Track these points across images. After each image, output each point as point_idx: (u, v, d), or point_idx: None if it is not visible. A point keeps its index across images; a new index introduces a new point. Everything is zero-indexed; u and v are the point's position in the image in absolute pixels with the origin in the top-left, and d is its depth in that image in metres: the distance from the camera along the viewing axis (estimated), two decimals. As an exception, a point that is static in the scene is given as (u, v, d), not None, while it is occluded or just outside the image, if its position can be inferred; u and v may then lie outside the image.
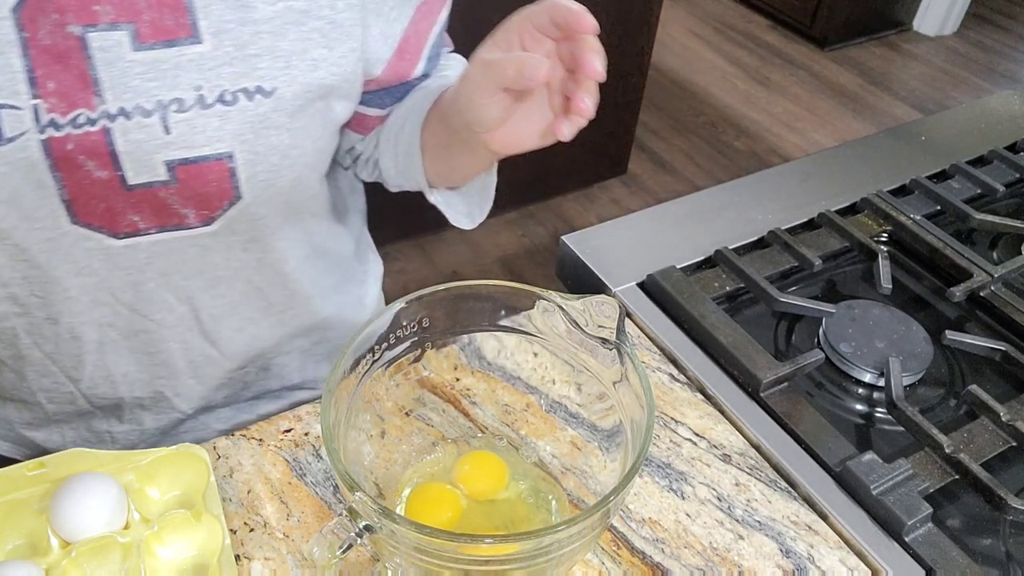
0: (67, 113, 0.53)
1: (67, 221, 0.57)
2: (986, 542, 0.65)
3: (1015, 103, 1.18)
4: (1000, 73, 3.30)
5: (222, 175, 0.58)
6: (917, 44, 3.47)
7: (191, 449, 0.59)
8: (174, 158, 0.56)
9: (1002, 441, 0.70)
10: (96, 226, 0.58)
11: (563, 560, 0.47)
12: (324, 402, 0.48)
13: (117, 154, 0.55)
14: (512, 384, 0.62)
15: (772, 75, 3.18)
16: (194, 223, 0.60)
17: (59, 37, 0.51)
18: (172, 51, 0.54)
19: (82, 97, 0.53)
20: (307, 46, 0.58)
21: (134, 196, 0.57)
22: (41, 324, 0.64)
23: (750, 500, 0.64)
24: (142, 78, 0.53)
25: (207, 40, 0.54)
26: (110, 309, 0.64)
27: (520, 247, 2.30)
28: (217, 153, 0.57)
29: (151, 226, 0.59)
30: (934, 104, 3.06)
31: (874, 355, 0.76)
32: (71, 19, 0.52)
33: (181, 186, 0.57)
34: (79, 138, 0.54)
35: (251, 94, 0.56)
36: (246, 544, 0.58)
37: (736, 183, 0.98)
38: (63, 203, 0.56)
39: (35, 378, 0.68)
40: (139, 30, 0.53)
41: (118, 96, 0.53)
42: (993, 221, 0.93)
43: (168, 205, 0.58)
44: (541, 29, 0.52)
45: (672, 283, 0.80)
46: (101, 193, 0.56)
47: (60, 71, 0.52)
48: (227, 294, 0.68)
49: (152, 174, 0.56)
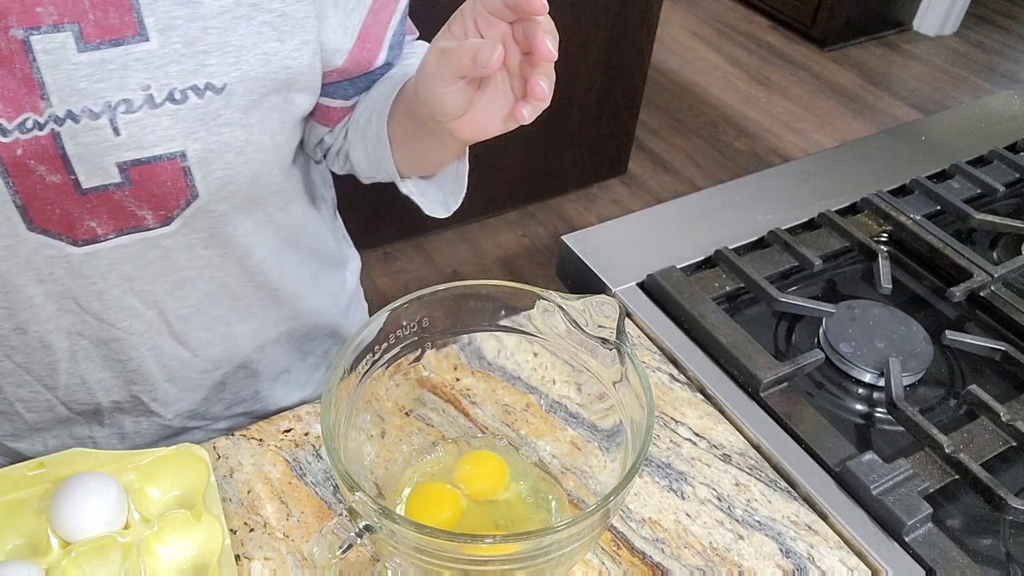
0: (13, 118, 0.52)
1: (23, 227, 0.56)
2: (986, 542, 0.65)
3: (1015, 103, 1.18)
4: (1000, 73, 3.30)
5: (176, 174, 0.57)
6: (917, 44, 3.47)
7: (191, 449, 0.59)
8: (126, 159, 0.55)
9: (1002, 441, 0.70)
10: (54, 232, 0.57)
11: (563, 560, 0.47)
12: (324, 402, 0.48)
13: (68, 158, 0.54)
14: (512, 384, 0.62)
15: (772, 75, 3.18)
16: (152, 224, 0.59)
17: (3, 41, 0.50)
18: (118, 50, 0.53)
19: (28, 101, 0.52)
20: (258, 40, 0.57)
21: (89, 200, 0.56)
22: (9, 335, 0.63)
23: (750, 500, 0.64)
24: (88, 80, 0.53)
25: (154, 37, 0.53)
26: (77, 318, 0.63)
27: (520, 247, 2.30)
28: (169, 152, 0.56)
29: (109, 231, 0.59)
30: (934, 104, 3.06)
31: (874, 355, 0.76)
32: (12, 22, 0.50)
33: (135, 187, 0.57)
34: (27, 143, 0.53)
35: (201, 91, 0.55)
36: (246, 544, 0.58)
37: (736, 183, 0.98)
38: (17, 208, 0.55)
39: (11, 389, 0.67)
40: (84, 30, 0.52)
41: (64, 99, 0.52)
42: (993, 221, 0.93)
43: (124, 207, 0.58)
44: (495, 12, 0.51)
45: (672, 283, 0.80)
46: (55, 198, 0.56)
47: (4, 75, 0.51)
48: (192, 295, 0.67)
49: (105, 177, 0.55)
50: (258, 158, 0.61)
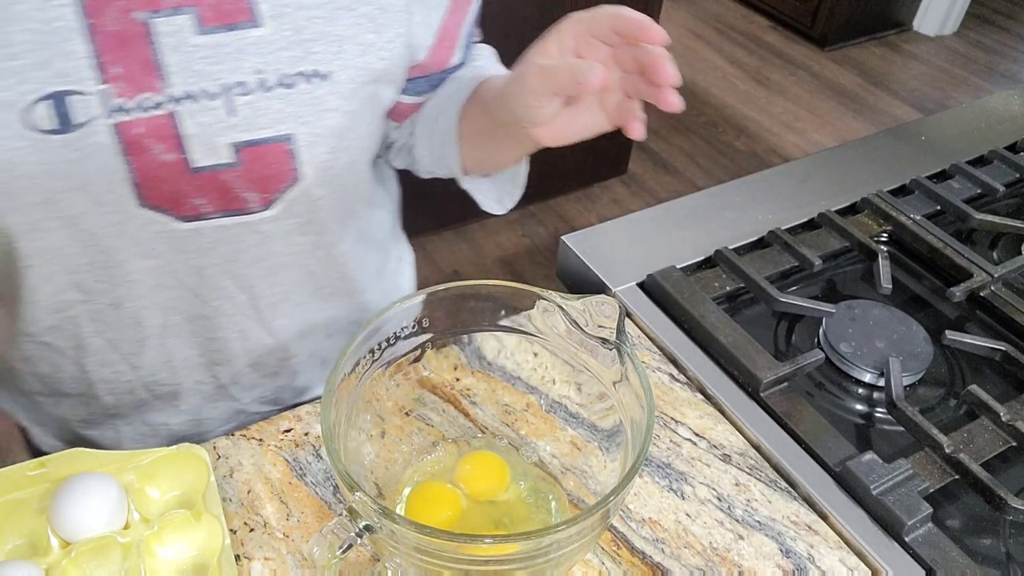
0: (133, 97, 0.54)
1: (134, 204, 0.58)
2: (986, 542, 0.65)
3: (1015, 103, 1.18)
4: (1000, 73, 3.30)
5: (283, 157, 0.59)
6: (917, 44, 3.47)
7: (191, 449, 0.59)
8: (238, 140, 0.57)
9: (1002, 441, 0.70)
10: (162, 208, 0.59)
11: (563, 560, 0.47)
12: (324, 402, 0.48)
13: (183, 137, 0.56)
14: (512, 384, 0.62)
15: (772, 75, 3.18)
16: (255, 207, 0.62)
17: (124, 23, 0.53)
18: (233, 35, 0.55)
19: (148, 81, 0.54)
20: (357, 31, 0.59)
21: (199, 179, 0.58)
22: (104, 310, 0.65)
23: (750, 500, 0.64)
24: (206, 62, 0.55)
25: (266, 24, 0.56)
26: (173, 292, 0.65)
27: (520, 247, 2.30)
28: (279, 135, 0.58)
29: (214, 210, 0.61)
30: (934, 104, 3.06)
31: (874, 355, 0.76)
32: (135, 5, 0.53)
33: (244, 169, 0.59)
34: (147, 121, 0.55)
35: (309, 77, 0.58)
36: (246, 544, 0.58)
37: (736, 183, 0.98)
38: (132, 186, 0.57)
39: (95, 368, 0.69)
40: (201, 14, 0.54)
41: (184, 80, 0.55)
42: (993, 221, 0.93)
43: (230, 188, 0.60)
44: (600, 37, 0.53)
45: (672, 283, 0.80)
46: (167, 176, 0.57)
47: (125, 56, 0.53)
48: (283, 281, 0.69)
49: (216, 157, 0.58)
50: (355, 145, 0.64)
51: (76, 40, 0.52)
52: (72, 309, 0.64)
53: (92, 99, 0.53)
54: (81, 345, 0.67)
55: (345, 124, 0.61)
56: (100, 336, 0.67)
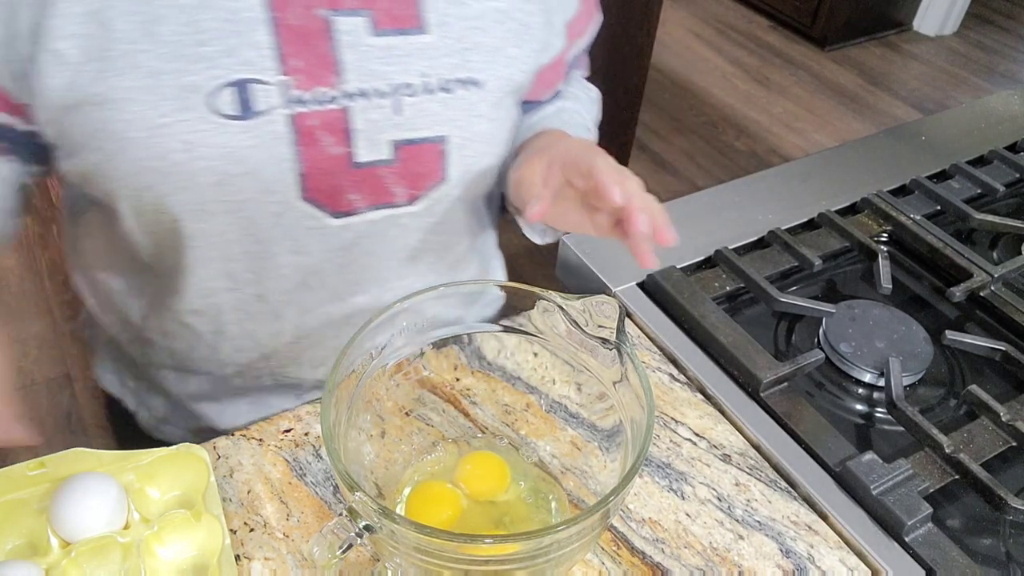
0: (310, 89, 0.57)
1: (296, 196, 0.60)
2: (986, 542, 0.65)
3: (1015, 103, 1.18)
4: (1000, 73, 3.30)
5: (435, 156, 0.63)
6: (917, 44, 3.47)
7: (191, 449, 0.59)
8: (400, 138, 0.61)
9: (1002, 441, 0.70)
10: (320, 203, 0.61)
11: (563, 560, 0.47)
12: (324, 402, 0.48)
13: (352, 132, 0.59)
14: (512, 384, 0.62)
15: (772, 75, 3.18)
16: (402, 201, 0.64)
17: (307, 18, 0.55)
18: (403, 39, 0.58)
19: (324, 76, 0.57)
20: (504, 44, 0.63)
21: (358, 174, 0.61)
22: (248, 300, 0.67)
23: (750, 500, 0.64)
24: (379, 62, 0.58)
25: (432, 31, 0.59)
26: (315, 295, 0.67)
27: (520, 247, 2.29)
28: (435, 136, 0.62)
29: (365, 205, 0.63)
30: (934, 104, 3.06)
31: (874, 355, 0.76)
32: (318, 2, 0.56)
33: (400, 165, 0.62)
34: (322, 114, 0.57)
35: (465, 84, 0.61)
36: (246, 544, 0.58)
37: (736, 183, 0.98)
38: (297, 176, 0.59)
39: (229, 353, 0.71)
40: (376, 17, 0.57)
41: (358, 77, 0.57)
42: (993, 221, 0.93)
43: (384, 184, 0.62)
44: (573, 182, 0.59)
45: (672, 283, 0.80)
46: (331, 169, 0.60)
47: (305, 50, 0.56)
48: (410, 276, 0.71)
49: (377, 153, 0.61)
50: (494, 151, 0.67)
51: (261, 31, 0.54)
52: (218, 296, 0.66)
53: (272, 89, 0.56)
54: (220, 331, 0.69)
55: (490, 130, 0.65)
56: (239, 325, 0.69)
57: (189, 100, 0.54)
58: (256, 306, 0.67)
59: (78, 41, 0.53)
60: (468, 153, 0.64)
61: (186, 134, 0.55)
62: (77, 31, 0.52)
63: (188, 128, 0.55)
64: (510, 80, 0.64)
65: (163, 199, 0.58)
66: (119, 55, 0.53)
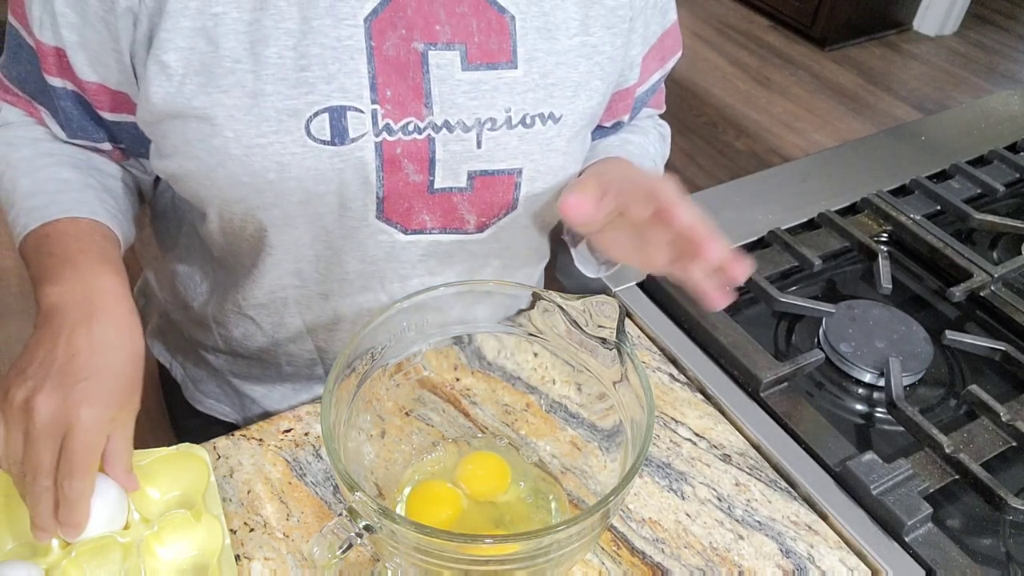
0: (399, 120, 0.57)
1: (374, 215, 0.62)
2: (986, 542, 0.65)
3: (1015, 103, 1.18)
4: (1000, 73, 3.30)
5: (508, 187, 0.63)
6: (917, 44, 3.47)
7: (191, 449, 0.59)
8: (476, 169, 0.61)
9: (1002, 441, 0.70)
10: (393, 222, 0.63)
11: (563, 560, 0.47)
12: (324, 402, 0.48)
13: (434, 161, 0.60)
14: (512, 384, 0.62)
15: (772, 75, 3.18)
16: (472, 229, 0.66)
17: (403, 51, 0.56)
18: (492, 73, 0.59)
19: (413, 107, 0.58)
20: (590, 78, 0.63)
21: (433, 199, 0.62)
22: (312, 298, 0.69)
23: (750, 500, 0.64)
24: (466, 96, 0.59)
25: (521, 66, 0.59)
26: (372, 295, 0.69)
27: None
28: (511, 168, 0.62)
29: (436, 227, 0.64)
30: (934, 104, 3.06)
31: (874, 355, 0.76)
32: (416, 36, 0.56)
33: (473, 194, 0.63)
34: (407, 144, 0.58)
35: (545, 119, 0.61)
36: (246, 544, 0.58)
37: (736, 183, 0.98)
38: (377, 199, 0.61)
39: (285, 343, 0.74)
40: (468, 51, 0.58)
41: (444, 110, 0.58)
42: (993, 221, 0.93)
43: (456, 209, 0.64)
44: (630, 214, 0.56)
45: (672, 283, 0.80)
46: (409, 194, 0.61)
47: (398, 81, 0.57)
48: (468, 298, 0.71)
49: (454, 181, 0.61)
50: (562, 182, 0.66)
51: (359, 60, 0.55)
52: (284, 292, 0.68)
53: (366, 117, 0.57)
54: (281, 323, 0.72)
55: (562, 164, 0.65)
56: (299, 318, 0.71)
57: (287, 123, 0.55)
58: (318, 304, 0.69)
59: (185, 55, 0.54)
60: (539, 185, 0.64)
61: (281, 155, 0.56)
62: (185, 45, 0.54)
63: (283, 150, 0.56)
64: (587, 114, 0.65)
65: (252, 212, 0.60)
66: (223, 73, 0.54)
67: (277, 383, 0.80)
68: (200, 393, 0.84)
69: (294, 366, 0.77)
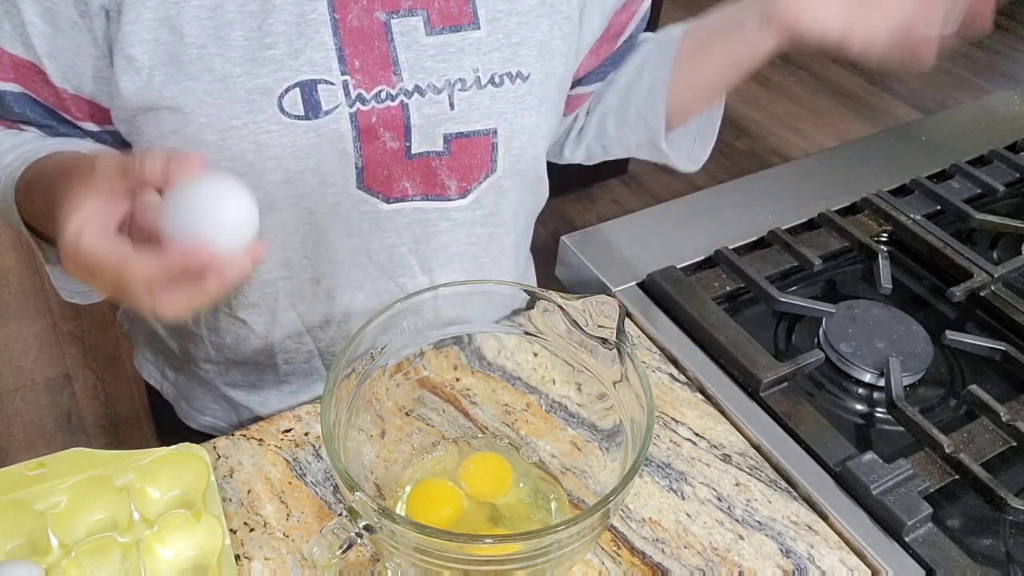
0: (371, 89, 0.59)
1: (354, 186, 0.63)
2: (986, 542, 0.65)
3: (1015, 103, 1.18)
4: (1000, 73, 3.30)
5: (485, 149, 0.65)
6: (917, 44, 3.47)
7: (191, 449, 0.59)
8: (452, 131, 0.63)
9: (1002, 441, 0.70)
10: (374, 191, 0.64)
11: (563, 560, 0.47)
12: (324, 402, 0.48)
13: (410, 127, 0.61)
14: (512, 384, 0.62)
15: (772, 75, 3.18)
16: (453, 195, 0.66)
17: (366, 21, 0.58)
18: (456, 36, 0.61)
19: (383, 76, 0.59)
20: (551, 37, 0.65)
21: (412, 164, 0.63)
22: (303, 285, 0.69)
23: (750, 500, 0.64)
24: (433, 59, 0.60)
25: (484, 27, 0.62)
26: (364, 271, 0.69)
27: (520, 247, 2.29)
28: (485, 129, 0.64)
29: (418, 193, 0.65)
30: (934, 104, 3.06)
31: (874, 355, 0.76)
32: (378, 5, 0.58)
33: (452, 158, 0.64)
34: (382, 112, 0.60)
35: (513, 77, 0.63)
36: (246, 544, 0.58)
37: (736, 183, 0.98)
38: (356, 170, 0.62)
39: (280, 340, 0.73)
40: (430, 16, 0.60)
41: (414, 75, 0.60)
42: (993, 221, 0.93)
43: (436, 174, 0.65)
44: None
45: (672, 283, 0.80)
46: (387, 161, 0.62)
47: (365, 51, 0.58)
48: (456, 271, 0.72)
49: (431, 145, 0.63)
50: (540, 143, 0.69)
51: (325, 32, 0.56)
52: (275, 286, 0.69)
53: (337, 89, 0.58)
54: (274, 321, 0.71)
55: (536, 122, 0.66)
56: (293, 309, 0.71)
57: (259, 102, 0.56)
58: (310, 289, 0.69)
59: (150, 46, 0.54)
60: (515, 145, 0.66)
61: (256, 135, 0.57)
62: (149, 36, 0.54)
63: (259, 129, 0.57)
64: (554, 73, 0.66)
65: None
66: (190, 60, 0.54)
67: (274, 388, 0.79)
68: (194, 410, 0.83)
69: (291, 364, 0.76)
